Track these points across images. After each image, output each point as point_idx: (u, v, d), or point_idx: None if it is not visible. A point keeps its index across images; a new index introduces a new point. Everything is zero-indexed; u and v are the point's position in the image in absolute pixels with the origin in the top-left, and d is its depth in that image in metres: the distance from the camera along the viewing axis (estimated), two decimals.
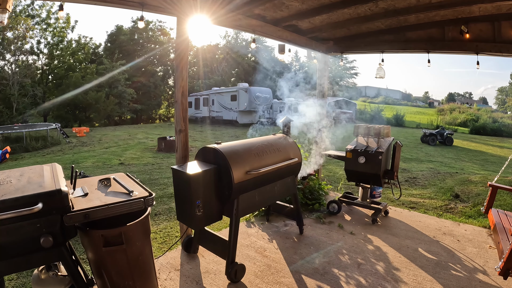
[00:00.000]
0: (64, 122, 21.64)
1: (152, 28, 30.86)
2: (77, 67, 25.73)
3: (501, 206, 4.31)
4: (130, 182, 2.04)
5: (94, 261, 1.78)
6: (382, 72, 4.66)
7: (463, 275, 2.53)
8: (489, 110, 34.09)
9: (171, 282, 2.41)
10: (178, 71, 2.79)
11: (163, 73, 32.58)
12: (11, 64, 21.72)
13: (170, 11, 2.71)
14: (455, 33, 3.74)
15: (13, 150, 11.17)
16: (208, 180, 2.40)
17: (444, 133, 14.49)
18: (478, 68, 4.06)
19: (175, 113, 2.87)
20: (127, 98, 26.29)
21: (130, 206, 1.73)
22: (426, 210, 4.23)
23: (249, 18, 3.48)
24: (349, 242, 3.15)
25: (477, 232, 3.42)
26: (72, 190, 1.83)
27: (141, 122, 28.89)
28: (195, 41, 5.75)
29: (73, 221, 1.54)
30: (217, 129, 18.55)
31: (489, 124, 23.38)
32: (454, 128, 22.94)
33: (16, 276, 2.43)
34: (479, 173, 7.14)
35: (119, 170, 6.83)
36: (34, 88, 22.50)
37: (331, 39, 4.62)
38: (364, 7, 3.29)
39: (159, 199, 4.69)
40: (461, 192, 5.07)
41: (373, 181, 3.72)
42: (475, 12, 3.27)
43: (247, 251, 2.94)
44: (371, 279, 2.47)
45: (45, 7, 22.67)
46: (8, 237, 1.41)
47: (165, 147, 9.90)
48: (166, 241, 3.19)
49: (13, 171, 1.81)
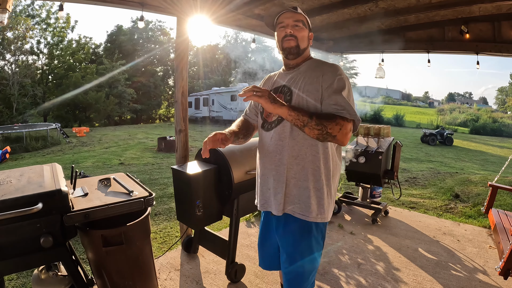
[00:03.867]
0: (64, 122, 21.62)
1: (152, 28, 30.86)
2: (77, 67, 25.72)
3: (501, 206, 4.31)
4: (130, 182, 2.04)
5: (94, 261, 1.78)
6: (382, 72, 4.66)
7: (463, 275, 2.53)
8: (489, 110, 34.08)
9: (171, 282, 2.41)
10: (178, 71, 2.79)
11: (163, 73, 32.57)
12: (11, 64, 21.73)
13: (170, 11, 2.71)
14: (455, 33, 3.74)
15: (13, 150, 11.17)
16: (208, 180, 2.40)
17: (444, 133, 14.50)
18: (478, 68, 4.06)
19: (175, 113, 2.87)
20: (127, 98, 26.29)
21: (130, 206, 1.73)
22: (426, 210, 4.23)
23: (249, 18, 3.48)
24: (349, 242, 3.15)
25: (477, 232, 3.42)
26: (72, 190, 1.83)
27: (141, 122, 28.88)
28: (195, 41, 5.75)
29: (73, 221, 1.54)
30: (217, 129, 18.51)
31: (489, 124, 23.39)
32: (454, 128, 22.92)
33: (16, 276, 2.43)
34: (479, 173, 7.14)
35: (119, 170, 6.83)
36: (34, 88, 22.49)
37: (331, 39, 4.62)
38: (364, 7, 3.29)
39: (159, 199, 4.69)
40: (461, 192, 5.07)
41: (373, 181, 3.72)
42: (475, 12, 3.27)
43: (247, 251, 2.94)
44: (371, 279, 2.47)
45: (45, 7, 22.68)
46: (8, 237, 1.41)
47: (165, 147, 9.90)
48: (166, 241, 3.19)
49: (13, 171, 1.81)
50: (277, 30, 1.49)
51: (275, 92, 1.50)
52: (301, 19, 1.45)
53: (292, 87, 1.43)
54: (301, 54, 1.47)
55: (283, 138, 1.41)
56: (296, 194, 1.40)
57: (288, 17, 1.44)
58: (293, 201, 1.40)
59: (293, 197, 1.40)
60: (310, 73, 1.42)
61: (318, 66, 1.43)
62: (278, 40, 1.49)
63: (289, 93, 1.43)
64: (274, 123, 1.47)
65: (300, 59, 1.48)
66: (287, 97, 1.42)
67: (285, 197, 1.41)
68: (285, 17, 1.45)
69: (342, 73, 1.39)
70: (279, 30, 1.48)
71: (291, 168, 1.39)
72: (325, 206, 1.40)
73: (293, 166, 1.39)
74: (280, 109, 1.25)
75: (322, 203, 1.39)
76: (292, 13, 1.45)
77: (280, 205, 1.42)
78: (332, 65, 1.42)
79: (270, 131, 1.47)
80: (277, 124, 1.45)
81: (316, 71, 1.41)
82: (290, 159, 1.39)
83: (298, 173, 1.38)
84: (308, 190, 1.38)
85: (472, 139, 17.85)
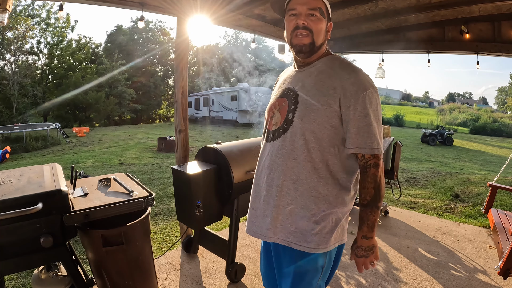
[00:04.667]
0: (64, 122, 21.62)
1: (152, 28, 30.85)
2: (77, 67, 25.72)
3: (501, 206, 4.31)
4: (130, 182, 2.04)
5: (94, 261, 1.78)
6: (382, 72, 4.66)
7: (463, 275, 2.53)
8: (489, 110, 34.12)
9: (171, 282, 2.41)
10: (178, 71, 2.79)
11: (163, 73, 32.57)
12: (11, 64, 21.73)
13: (170, 11, 2.71)
14: (455, 33, 3.74)
15: (13, 150, 11.17)
16: (208, 180, 2.40)
17: (444, 133, 14.51)
18: (478, 68, 4.06)
19: (175, 113, 2.87)
20: (127, 98, 26.29)
21: (130, 206, 1.73)
22: (426, 210, 4.23)
23: (249, 18, 3.48)
24: (349, 242, 3.14)
25: (477, 232, 3.42)
26: (72, 190, 1.83)
27: (141, 122, 28.88)
28: (195, 41, 5.75)
29: (73, 221, 1.54)
30: (217, 129, 18.56)
31: (489, 124, 23.41)
32: (454, 128, 22.94)
33: (16, 276, 2.43)
34: (479, 173, 7.14)
35: (119, 170, 6.83)
36: (34, 88, 22.49)
37: (331, 39, 4.62)
38: (364, 7, 3.29)
39: (159, 199, 4.69)
40: (461, 192, 5.07)
41: None
42: (475, 12, 3.27)
43: (247, 251, 2.94)
44: (371, 279, 2.47)
45: (45, 7, 22.70)
46: (8, 237, 1.41)
47: (165, 147, 9.90)
48: (166, 241, 3.19)
49: (13, 171, 1.81)
50: (287, 18, 1.18)
51: (281, 96, 1.25)
52: (319, 6, 1.13)
53: (299, 92, 1.17)
54: (316, 52, 1.18)
55: (280, 155, 1.17)
56: (291, 221, 1.17)
57: (301, 2, 1.13)
58: (288, 230, 1.17)
59: (288, 225, 1.17)
60: (324, 78, 1.14)
61: (335, 71, 1.14)
62: (287, 30, 1.18)
63: (294, 100, 1.17)
64: (273, 133, 1.22)
65: (314, 57, 1.20)
66: (291, 106, 1.17)
67: (277, 223, 1.18)
68: (297, 2, 1.14)
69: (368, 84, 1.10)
70: (288, 19, 1.17)
71: (288, 193, 1.16)
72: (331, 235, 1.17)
73: (290, 191, 1.16)
74: (374, 240, 1.17)
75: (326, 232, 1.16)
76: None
77: (267, 231, 1.20)
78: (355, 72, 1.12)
79: (269, 142, 1.23)
80: (277, 137, 1.19)
81: (334, 79, 1.12)
82: (287, 182, 1.16)
83: (295, 200, 1.16)
84: (306, 219, 1.15)
85: (472, 139, 17.85)
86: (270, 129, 1.25)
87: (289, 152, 1.15)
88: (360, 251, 1.18)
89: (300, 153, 1.13)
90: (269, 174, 1.20)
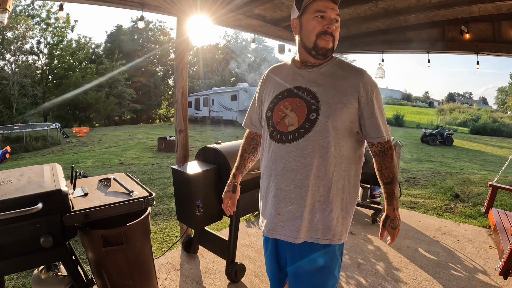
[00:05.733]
0: (64, 122, 21.63)
1: (152, 28, 30.86)
2: (77, 67, 25.73)
3: (501, 206, 4.31)
4: (130, 182, 2.04)
5: (94, 261, 1.78)
6: (382, 72, 4.67)
7: (463, 275, 2.53)
8: (489, 110, 34.12)
9: (171, 282, 2.41)
10: (178, 71, 2.79)
11: (163, 73, 32.58)
12: (11, 64, 21.74)
13: (170, 11, 2.71)
14: (455, 33, 3.74)
15: (13, 150, 11.17)
16: (208, 180, 2.40)
17: (444, 133, 14.50)
18: (478, 68, 4.07)
19: (175, 113, 2.87)
20: (127, 98, 26.29)
21: (130, 206, 1.73)
22: (426, 210, 4.23)
23: (249, 18, 3.48)
24: (349, 242, 3.15)
25: (477, 232, 3.42)
26: (72, 190, 1.83)
27: (141, 122, 28.89)
28: (195, 41, 5.75)
29: (73, 221, 1.54)
30: (217, 129, 18.56)
31: (489, 124, 23.40)
32: (454, 128, 22.93)
33: (16, 276, 2.43)
34: (479, 173, 7.14)
35: (119, 170, 6.83)
36: (34, 88, 22.49)
37: None
38: (364, 7, 3.29)
39: (159, 199, 4.69)
40: (461, 192, 5.07)
41: (373, 181, 3.71)
42: (475, 12, 3.27)
43: (247, 251, 2.94)
44: (371, 279, 2.47)
45: (45, 7, 22.67)
46: (8, 237, 1.41)
47: (165, 147, 9.90)
48: (166, 241, 3.19)
49: (13, 171, 1.81)
50: (312, 18, 1.19)
51: (287, 96, 1.26)
52: (339, 13, 1.21)
53: (318, 92, 1.20)
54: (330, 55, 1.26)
55: (306, 155, 1.18)
56: (320, 218, 1.21)
57: (330, 7, 1.17)
58: (317, 227, 1.21)
59: (316, 222, 1.21)
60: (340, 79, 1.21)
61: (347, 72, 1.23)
62: (311, 30, 1.20)
63: (313, 100, 1.20)
64: (293, 134, 1.21)
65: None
66: (311, 106, 1.20)
67: (308, 223, 1.21)
68: (327, 6, 1.17)
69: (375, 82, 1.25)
70: (315, 20, 1.18)
71: (316, 190, 1.20)
72: (349, 225, 1.28)
73: (319, 187, 1.20)
74: (398, 212, 1.30)
75: (346, 222, 1.26)
76: (334, 4, 1.19)
77: (298, 232, 1.21)
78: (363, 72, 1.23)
79: (287, 144, 1.21)
80: (298, 137, 1.20)
81: (350, 79, 1.20)
82: (315, 181, 1.19)
83: (323, 195, 1.20)
84: (333, 213, 1.21)
85: (472, 139, 17.85)
86: (285, 130, 1.23)
87: (316, 151, 1.18)
88: (395, 222, 1.29)
89: (326, 150, 1.18)
90: (295, 176, 1.21)
